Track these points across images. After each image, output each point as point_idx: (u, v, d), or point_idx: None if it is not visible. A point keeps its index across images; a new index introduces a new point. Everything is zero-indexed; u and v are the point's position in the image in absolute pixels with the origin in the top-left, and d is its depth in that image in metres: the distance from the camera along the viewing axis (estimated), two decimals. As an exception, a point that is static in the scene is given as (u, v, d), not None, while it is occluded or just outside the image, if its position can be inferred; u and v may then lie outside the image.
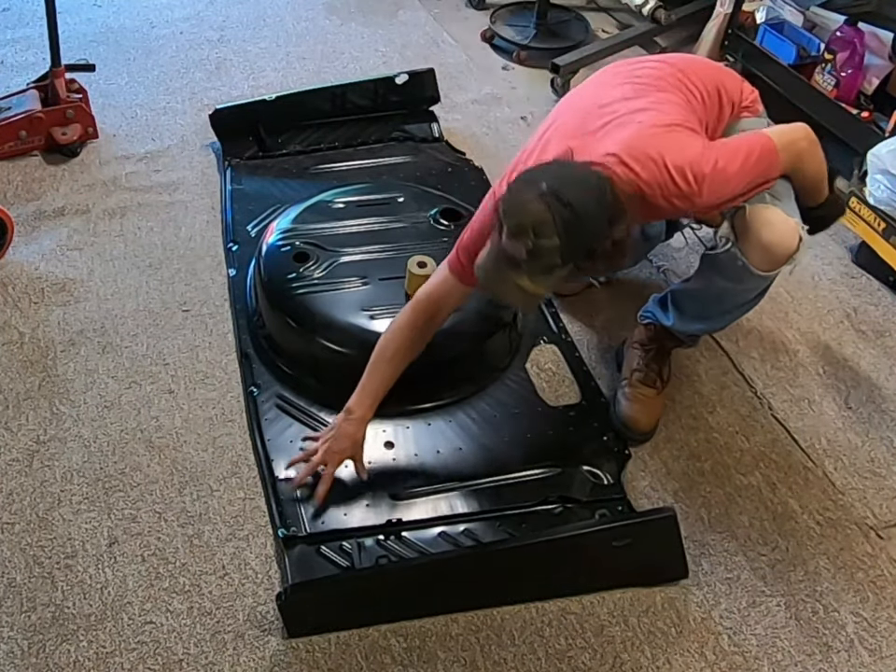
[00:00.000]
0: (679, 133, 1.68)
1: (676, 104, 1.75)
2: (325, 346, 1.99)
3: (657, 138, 1.66)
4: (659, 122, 1.68)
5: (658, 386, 2.02)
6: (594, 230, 1.52)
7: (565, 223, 1.47)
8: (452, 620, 1.66)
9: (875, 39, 2.79)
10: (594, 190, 1.53)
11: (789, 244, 1.74)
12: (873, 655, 1.66)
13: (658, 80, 1.80)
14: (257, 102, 2.83)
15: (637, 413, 1.99)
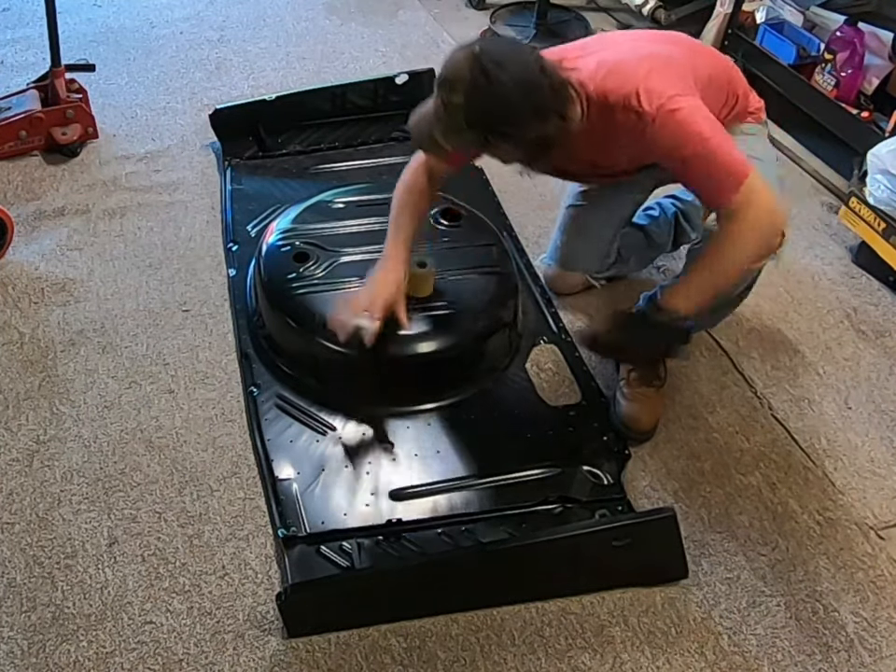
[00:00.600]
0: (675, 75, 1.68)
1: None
2: (325, 346, 1.99)
3: (655, 68, 1.67)
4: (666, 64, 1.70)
5: (656, 385, 2.02)
6: (503, 103, 1.55)
7: (474, 85, 1.53)
8: (452, 620, 1.66)
9: (875, 39, 2.79)
10: (523, 72, 1.56)
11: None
12: (873, 655, 1.66)
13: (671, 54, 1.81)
14: (257, 102, 2.84)
15: (638, 412, 1.99)
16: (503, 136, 1.61)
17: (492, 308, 2.09)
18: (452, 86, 1.56)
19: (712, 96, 1.80)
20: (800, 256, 2.55)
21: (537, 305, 2.31)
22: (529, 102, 1.57)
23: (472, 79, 1.54)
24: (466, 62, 1.55)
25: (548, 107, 1.60)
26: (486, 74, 1.53)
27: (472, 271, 2.13)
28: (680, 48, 1.87)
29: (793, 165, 2.93)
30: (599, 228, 2.19)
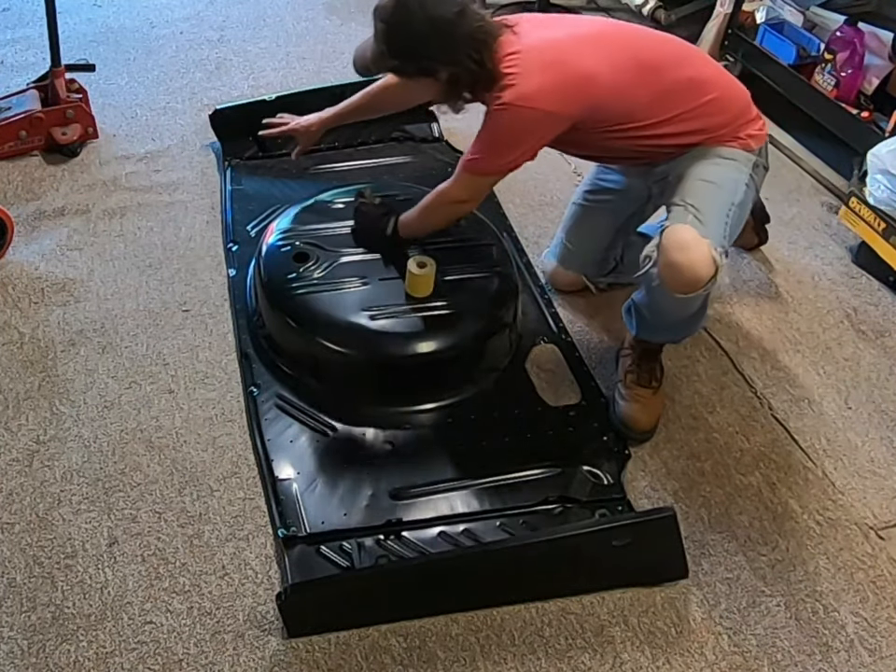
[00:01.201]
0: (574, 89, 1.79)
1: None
2: (325, 346, 1.99)
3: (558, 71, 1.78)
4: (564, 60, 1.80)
5: (653, 386, 2.02)
6: (414, 35, 1.75)
7: (393, 15, 1.75)
8: (452, 620, 1.66)
9: (874, 39, 2.79)
10: (439, 11, 1.73)
11: (699, 267, 1.73)
12: (873, 655, 1.66)
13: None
14: (257, 102, 2.83)
15: (637, 412, 1.99)
16: (417, 68, 1.81)
17: (492, 308, 2.09)
18: (378, 13, 1.78)
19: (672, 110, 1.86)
20: (800, 256, 2.56)
21: (537, 305, 2.31)
22: (438, 38, 1.74)
23: (393, 10, 1.75)
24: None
25: (457, 48, 1.74)
26: (406, 6, 1.74)
27: (472, 271, 2.13)
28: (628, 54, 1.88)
29: (793, 166, 2.93)
30: (597, 232, 2.20)
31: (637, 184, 2.08)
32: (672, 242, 1.75)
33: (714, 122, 1.90)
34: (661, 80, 1.87)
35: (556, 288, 2.36)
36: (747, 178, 1.90)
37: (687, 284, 1.75)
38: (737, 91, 1.97)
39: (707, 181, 1.85)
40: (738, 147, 1.91)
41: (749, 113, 1.96)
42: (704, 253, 1.72)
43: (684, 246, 1.74)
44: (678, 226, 1.77)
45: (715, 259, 1.73)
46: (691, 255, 1.73)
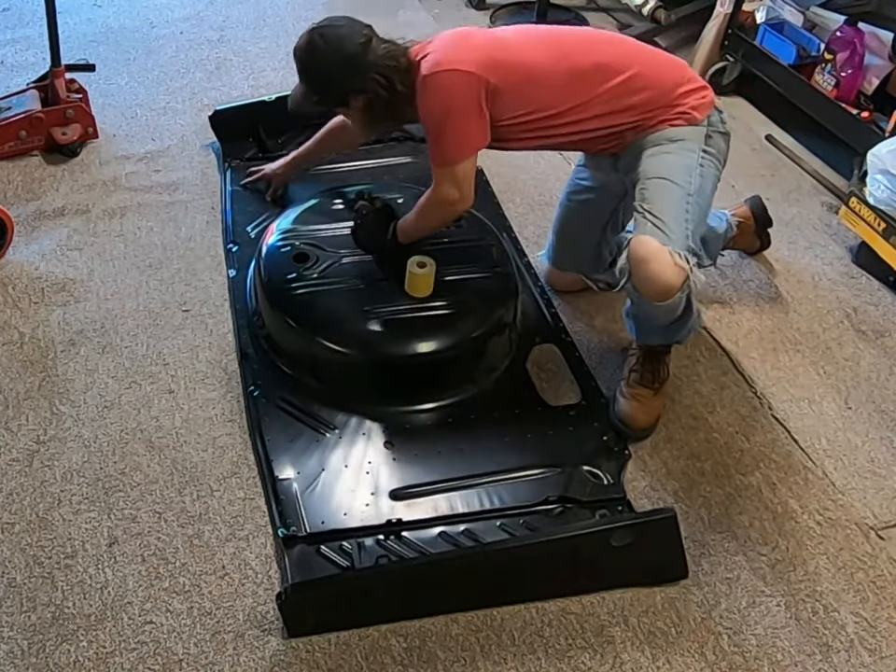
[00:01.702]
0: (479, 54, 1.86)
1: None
2: (325, 346, 1.99)
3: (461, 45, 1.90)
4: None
5: (655, 387, 2.02)
6: (324, 67, 1.92)
7: (307, 53, 1.93)
8: (452, 620, 1.66)
9: (875, 39, 2.79)
10: (343, 42, 1.91)
11: (667, 276, 1.77)
12: (873, 655, 1.66)
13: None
14: (257, 102, 2.83)
15: (635, 411, 1.99)
16: (333, 99, 2.01)
17: (492, 308, 2.09)
18: (295, 54, 1.96)
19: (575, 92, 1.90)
20: (800, 256, 2.56)
21: (537, 305, 2.31)
22: (346, 70, 1.90)
23: (304, 49, 1.94)
24: (304, 34, 1.95)
25: (364, 76, 1.89)
26: (312, 43, 1.92)
27: (472, 271, 2.13)
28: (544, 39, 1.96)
29: (793, 166, 2.93)
30: (584, 230, 2.20)
31: (612, 179, 2.08)
32: (636, 256, 1.80)
33: (642, 99, 1.90)
34: (570, 62, 1.91)
35: (555, 289, 2.36)
36: (699, 158, 1.90)
37: (660, 293, 1.80)
38: (666, 65, 1.98)
39: (660, 178, 1.87)
40: (684, 122, 1.92)
41: (686, 84, 1.95)
42: (667, 262, 1.77)
43: (648, 259, 1.78)
44: (640, 238, 1.81)
45: (679, 264, 1.77)
46: (656, 266, 1.77)
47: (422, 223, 2.06)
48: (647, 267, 1.78)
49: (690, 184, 1.87)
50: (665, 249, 1.77)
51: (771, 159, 2.96)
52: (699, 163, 1.90)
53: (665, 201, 1.85)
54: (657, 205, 1.84)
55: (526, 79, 1.89)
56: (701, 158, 1.90)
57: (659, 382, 2.03)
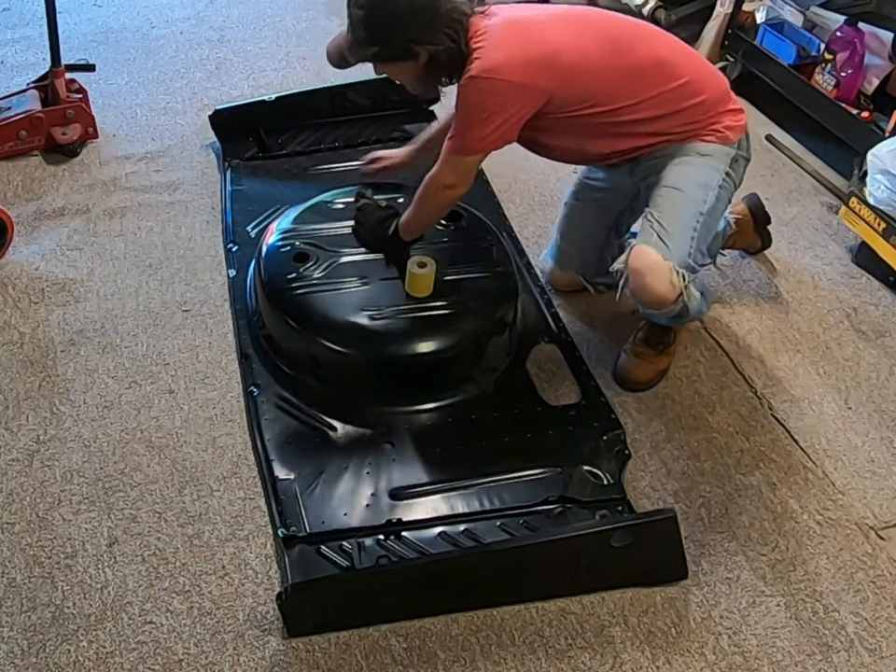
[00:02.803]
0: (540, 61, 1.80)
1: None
2: (325, 346, 1.99)
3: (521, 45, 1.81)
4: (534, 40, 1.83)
5: (658, 348, 2.07)
6: (397, 20, 1.78)
7: (371, 2, 1.78)
8: (452, 620, 1.66)
9: (875, 39, 2.79)
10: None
11: (660, 292, 1.81)
12: (873, 655, 1.66)
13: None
14: (257, 102, 2.84)
15: (632, 364, 2.06)
16: (398, 50, 1.83)
17: (492, 308, 2.09)
18: (354, 1, 1.81)
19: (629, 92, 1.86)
20: (800, 256, 2.55)
21: (537, 305, 2.31)
22: (418, 17, 1.78)
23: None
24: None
25: (436, 26, 1.78)
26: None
27: (472, 271, 2.13)
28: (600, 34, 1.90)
29: (793, 166, 2.93)
30: (590, 231, 2.20)
31: (624, 181, 2.08)
32: (634, 266, 1.82)
33: (686, 110, 1.88)
34: (627, 57, 1.87)
35: (556, 289, 2.36)
36: (721, 179, 1.91)
37: (652, 305, 1.84)
38: (713, 78, 1.96)
39: (677, 189, 1.87)
40: (716, 140, 1.91)
41: (727, 103, 1.94)
42: (664, 279, 1.79)
43: (646, 271, 1.81)
44: (642, 248, 1.82)
45: (674, 282, 1.79)
46: (651, 280, 1.80)
47: (420, 210, 2.04)
48: (642, 279, 1.81)
49: (705, 202, 1.88)
50: (665, 265, 1.79)
51: (771, 159, 2.96)
52: (719, 184, 1.90)
53: (676, 212, 1.85)
54: (667, 215, 1.84)
55: (581, 77, 1.84)
56: (722, 179, 1.91)
57: (663, 345, 2.08)
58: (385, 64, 1.91)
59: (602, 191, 2.15)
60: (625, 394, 2.10)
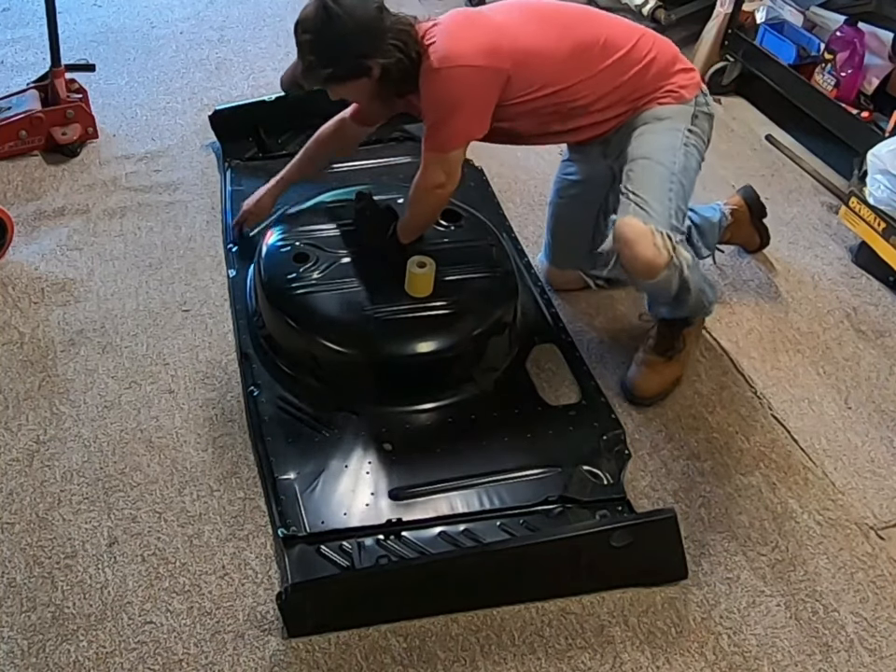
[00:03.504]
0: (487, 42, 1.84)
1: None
2: (325, 346, 1.99)
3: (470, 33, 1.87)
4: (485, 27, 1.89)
5: (667, 355, 2.07)
6: (345, 40, 1.81)
7: (321, 22, 1.80)
8: (452, 620, 1.66)
9: (875, 39, 2.79)
10: (360, 10, 1.81)
11: (648, 257, 1.81)
12: (873, 655, 1.66)
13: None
14: (257, 102, 2.84)
15: (640, 376, 2.06)
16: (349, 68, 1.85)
17: (492, 308, 2.09)
18: (301, 26, 1.84)
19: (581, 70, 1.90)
20: (800, 256, 2.55)
21: (537, 305, 2.31)
22: (366, 33, 1.82)
23: (316, 17, 1.81)
24: (312, 4, 1.83)
25: (384, 39, 1.82)
26: (327, 10, 1.80)
27: (472, 271, 2.13)
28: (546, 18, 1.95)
29: (793, 166, 2.93)
30: (578, 225, 2.21)
31: (598, 169, 2.10)
32: (620, 237, 1.83)
33: (636, 75, 1.92)
34: (571, 37, 1.91)
35: (555, 288, 2.36)
36: (684, 137, 1.93)
37: (645, 273, 1.84)
38: (658, 42, 1.99)
39: (644, 159, 1.90)
40: (672, 100, 1.94)
41: (676, 63, 1.99)
42: (649, 243, 1.80)
43: (630, 241, 1.82)
44: (623, 219, 1.84)
45: (661, 243, 1.80)
46: (638, 248, 1.81)
47: (415, 214, 2.05)
48: (630, 248, 1.82)
49: (674, 163, 1.91)
50: (648, 229, 1.80)
51: (771, 159, 2.96)
52: (683, 142, 1.93)
53: (648, 180, 1.88)
54: (641, 185, 1.87)
55: (532, 60, 1.88)
56: (686, 137, 1.94)
57: (672, 351, 2.07)
58: (339, 86, 1.92)
59: (579, 185, 2.18)
60: (625, 394, 2.10)
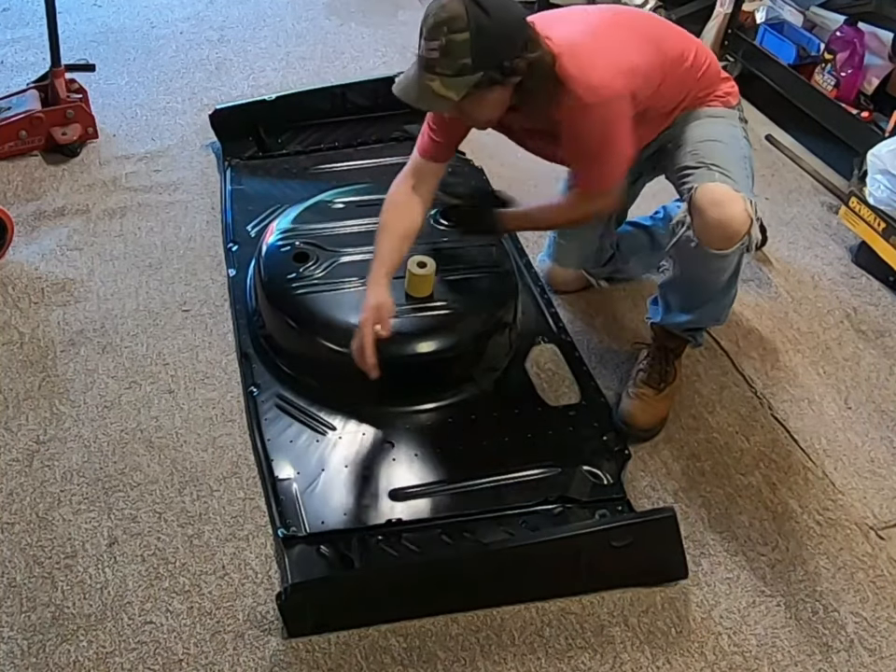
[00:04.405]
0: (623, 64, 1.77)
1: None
2: (325, 346, 1.99)
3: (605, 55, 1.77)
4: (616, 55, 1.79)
5: (661, 387, 2.02)
6: (505, 36, 1.63)
7: (477, 19, 1.59)
8: (452, 620, 1.66)
9: (874, 39, 2.80)
10: (513, 7, 1.68)
11: (738, 221, 1.76)
12: (873, 655, 1.66)
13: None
14: (257, 102, 2.84)
15: (637, 409, 1.99)
16: (502, 71, 1.66)
17: (492, 308, 2.09)
18: (451, 25, 1.60)
19: (668, 81, 1.87)
20: (800, 256, 2.55)
21: (537, 305, 2.31)
22: (524, 33, 1.67)
23: (469, 15, 1.60)
24: (453, 2, 1.61)
25: (536, 41, 1.69)
26: (484, 9, 1.61)
27: (472, 271, 2.13)
28: (639, 32, 1.90)
29: (793, 166, 2.93)
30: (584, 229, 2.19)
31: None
32: (708, 199, 1.76)
33: (698, 81, 1.93)
34: (663, 48, 1.88)
35: (556, 289, 2.35)
36: (742, 131, 1.95)
37: (726, 238, 1.76)
38: (707, 53, 1.99)
39: (713, 140, 1.88)
40: (720, 104, 1.95)
41: (721, 72, 2.01)
42: (740, 206, 1.75)
43: (720, 202, 1.75)
44: (709, 184, 1.78)
45: (749, 211, 1.76)
46: (728, 209, 1.75)
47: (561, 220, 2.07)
48: (720, 209, 1.74)
49: (743, 148, 1.92)
50: (739, 195, 1.75)
51: (771, 159, 2.96)
52: (744, 135, 1.95)
53: (726, 156, 1.85)
54: (719, 159, 1.83)
55: (646, 80, 1.82)
56: (743, 132, 1.96)
57: (665, 383, 2.03)
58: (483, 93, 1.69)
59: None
60: (625, 394, 2.10)
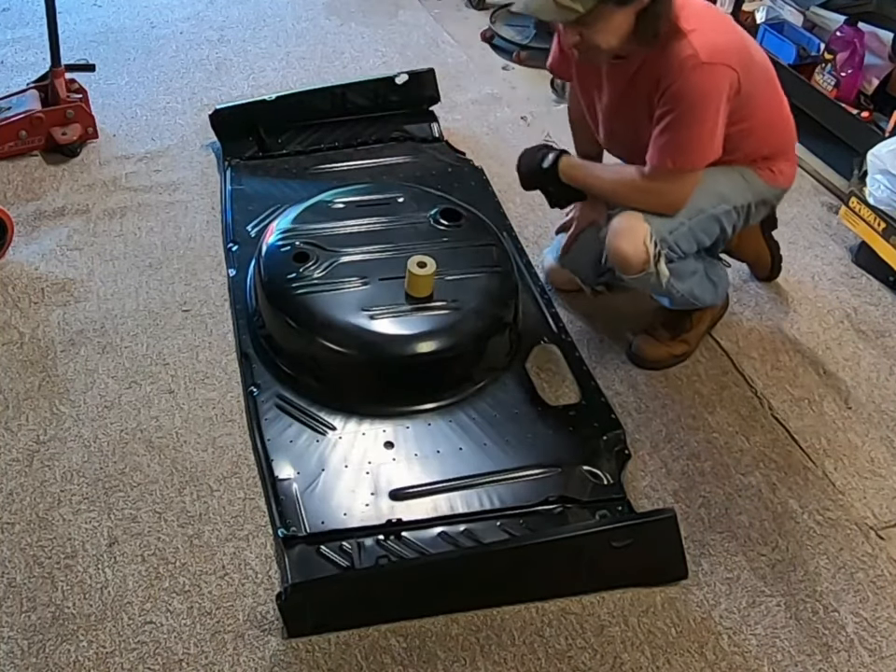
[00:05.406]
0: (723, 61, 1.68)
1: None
2: (325, 346, 2.00)
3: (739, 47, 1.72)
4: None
5: (674, 333, 2.10)
6: None
7: None
8: (452, 620, 1.66)
9: (875, 39, 2.79)
10: None
11: (630, 257, 1.80)
12: (873, 655, 1.66)
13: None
14: (257, 102, 2.84)
15: (647, 343, 2.11)
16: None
17: (492, 308, 2.09)
18: None
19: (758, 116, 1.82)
20: (800, 256, 2.55)
21: (537, 305, 2.31)
22: None
23: None
24: None
25: None
26: None
27: (472, 271, 2.13)
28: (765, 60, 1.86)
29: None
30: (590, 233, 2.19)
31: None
32: (614, 227, 1.83)
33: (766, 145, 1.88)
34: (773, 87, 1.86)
35: (556, 287, 2.36)
36: (740, 205, 1.92)
37: (624, 266, 1.85)
38: (791, 120, 1.94)
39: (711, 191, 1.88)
40: (763, 176, 1.93)
41: (791, 153, 1.97)
42: (637, 240, 1.79)
43: (621, 233, 1.82)
44: (623, 213, 1.83)
45: (646, 247, 1.78)
46: (622, 242, 1.82)
47: (620, 195, 1.90)
48: (616, 241, 1.83)
49: (712, 207, 1.89)
50: (643, 227, 1.78)
51: (771, 159, 2.96)
52: (735, 206, 1.92)
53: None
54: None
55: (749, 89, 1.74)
56: (741, 206, 1.93)
57: (681, 330, 2.11)
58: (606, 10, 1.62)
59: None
60: (625, 394, 2.10)
